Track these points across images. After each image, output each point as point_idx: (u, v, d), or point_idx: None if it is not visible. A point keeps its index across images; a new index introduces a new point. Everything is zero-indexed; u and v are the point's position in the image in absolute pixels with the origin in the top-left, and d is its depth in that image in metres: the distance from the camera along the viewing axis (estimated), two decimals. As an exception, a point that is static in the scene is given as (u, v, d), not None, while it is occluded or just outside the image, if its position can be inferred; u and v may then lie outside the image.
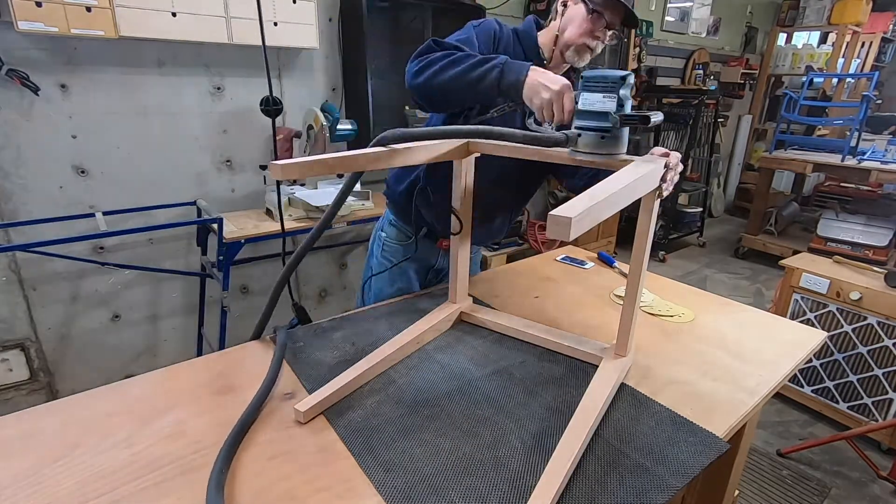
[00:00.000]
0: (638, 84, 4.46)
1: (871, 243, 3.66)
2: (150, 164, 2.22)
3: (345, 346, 1.12)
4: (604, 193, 0.70)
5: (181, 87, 2.21)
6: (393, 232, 1.46)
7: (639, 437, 0.87)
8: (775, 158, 4.07)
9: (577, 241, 0.78)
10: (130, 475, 0.75)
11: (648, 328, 1.24)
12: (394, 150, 0.94)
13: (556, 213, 0.62)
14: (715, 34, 5.21)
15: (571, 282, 1.52)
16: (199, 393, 0.95)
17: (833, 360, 2.25)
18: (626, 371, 1.03)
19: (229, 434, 0.81)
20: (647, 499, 0.74)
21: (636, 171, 0.83)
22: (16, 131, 1.91)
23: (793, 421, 2.36)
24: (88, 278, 2.20)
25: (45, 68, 1.91)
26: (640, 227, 0.95)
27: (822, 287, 2.21)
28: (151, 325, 2.45)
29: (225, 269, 2.11)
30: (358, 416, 0.91)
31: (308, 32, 2.29)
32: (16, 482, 0.73)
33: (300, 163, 0.80)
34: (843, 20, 5.15)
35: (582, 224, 0.63)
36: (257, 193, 2.54)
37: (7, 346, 2.09)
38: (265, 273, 2.72)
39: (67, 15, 1.73)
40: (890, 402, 2.10)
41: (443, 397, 0.97)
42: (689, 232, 4.80)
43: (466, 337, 1.19)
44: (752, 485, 1.97)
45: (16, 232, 1.99)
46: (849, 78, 5.37)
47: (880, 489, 1.96)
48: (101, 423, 0.86)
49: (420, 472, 0.79)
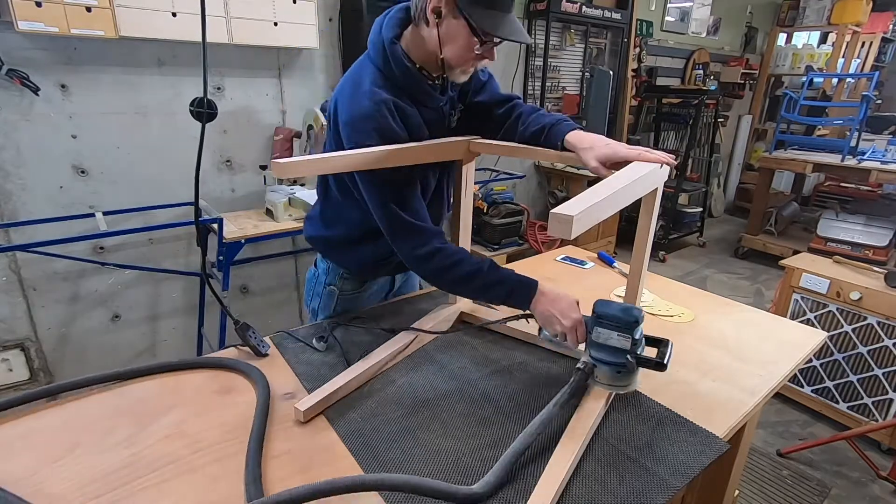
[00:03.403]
0: (638, 84, 4.47)
1: (871, 243, 3.66)
2: (150, 163, 2.22)
3: (345, 346, 1.11)
4: (605, 193, 0.70)
5: (181, 87, 2.21)
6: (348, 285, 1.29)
7: (639, 437, 0.87)
8: (775, 158, 4.07)
9: (577, 240, 0.78)
10: (130, 475, 0.75)
11: (648, 328, 1.23)
12: (394, 150, 0.95)
13: (557, 212, 0.62)
14: (715, 34, 5.21)
15: (571, 282, 1.52)
16: (199, 393, 0.95)
17: (833, 360, 2.25)
18: (626, 371, 1.03)
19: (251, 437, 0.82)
20: (647, 499, 0.74)
21: (636, 172, 0.83)
22: (16, 131, 1.91)
23: (793, 421, 2.36)
24: (88, 278, 2.20)
25: (45, 68, 1.90)
26: (640, 227, 0.96)
27: (822, 287, 2.21)
28: (151, 325, 2.45)
29: (225, 269, 2.11)
30: (358, 416, 0.91)
31: (308, 32, 2.29)
32: (16, 482, 0.73)
33: (301, 161, 0.80)
34: (843, 20, 5.15)
35: (583, 222, 0.63)
36: (257, 193, 2.54)
37: (7, 346, 2.09)
38: (265, 273, 2.72)
39: (67, 15, 1.73)
40: (890, 402, 2.10)
41: (443, 397, 0.97)
42: (689, 232, 4.79)
43: (466, 337, 1.19)
44: (752, 485, 1.97)
45: (16, 232, 1.99)
46: (849, 78, 5.36)
47: (880, 489, 1.96)
48: (101, 423, 0.86)
49: (420, 472, 0.78)
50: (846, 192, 4.19)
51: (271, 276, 2.75)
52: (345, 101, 1.01)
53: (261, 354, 1.07)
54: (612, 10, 3.84)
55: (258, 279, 2.72)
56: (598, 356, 0.93)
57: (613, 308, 0.92)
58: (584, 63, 4.01)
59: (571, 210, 0.62)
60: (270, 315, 2.79)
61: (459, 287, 1.09)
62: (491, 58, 1.02)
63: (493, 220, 3.35)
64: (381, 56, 1.01)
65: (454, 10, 0.94)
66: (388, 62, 1.01)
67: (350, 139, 0.98)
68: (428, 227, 1.03)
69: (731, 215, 6.02)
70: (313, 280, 1.33)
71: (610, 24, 3.91)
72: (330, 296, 1.29)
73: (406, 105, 1.02)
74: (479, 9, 0.93)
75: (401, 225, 1.02)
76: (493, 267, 1.03)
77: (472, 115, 1.17)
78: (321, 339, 1.12)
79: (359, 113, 0.98)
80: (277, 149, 2.47)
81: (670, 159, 0.91)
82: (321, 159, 0.82)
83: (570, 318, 0.96)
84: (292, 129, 2.50)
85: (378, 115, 0.97)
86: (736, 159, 6.00)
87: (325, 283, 1.29)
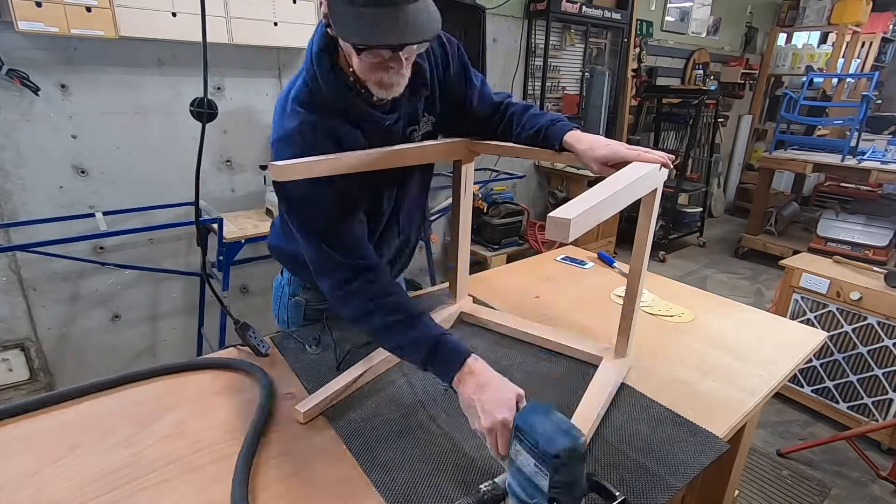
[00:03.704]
0: (638, 84, 4.46)
1: (871, 243, 3.66)
2: (150, 164, 2.22)
3: (345, 347, 1.11)
4: (603, 194, 0.70)
5: (181, 87, 2.21)
6: (313, 296, 1.22)
7: (639, 437, 0.87)
8: (775, 158, 4.07)
9: (577, 241, 0.75)
10: (130, 475, 0.75)
11: (648, 328, 1.24)
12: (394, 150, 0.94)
13: (555, 215, 0.61)
14: (715, 34, 5.21)
15: (571, 282, 1.52)
16: (199, 393, 0.95)
17: (833, 360, 2.25)
18: (626, 371, 1.03)
19: (245, 438, 0.81)
20: (647, 499, 0.74)
21: (635, 173, 0.83)
22: (16, 131, 1.91)
23: (793, 421, 2.36)
24: (88, 278, 2.20)
25: (45, 68, 1.90)
26: (639, 227, 0.95)
27: (822, 287, 2.21)
28: (151, 326, 2.45)
29: (225, 269, 2.11)
30: (358, 417, 0.91)
31: (308, 32, 2.25)
32: (16, 482, 0.73)
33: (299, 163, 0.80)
34: (843, 20, 5.15)
35: (581, 225, 0.62)
36: (257, 193, 2.54)
37: (7, 346, 2.09)
38: (265, 273, 2.72)
39: (67, 15, 1.73)
40: (890, 402, 2.10)
41: (442, 397, 0.97)
42: (689, 232, 4.79)
43: (466, 337, 1.19)
44: (752, 485, 1.97)
45: (16, 232, 1.99)
46: (849, 78, 5.36)
47: (880, 489, 1.96)
48: (101, 423, 0.86)
49: (420, 472, 0.79)
50: (846, 192, 4.19)
51: (271, 277, 2.71)
52: (275, 119, 0.91)
53: (261, 354, 1.07)
54: (612, 10, 3.85)
55: (258, 279, 2.72)
56: (512, 482, 0.67)
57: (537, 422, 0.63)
58: (584, 63, 4.01)
59: (569, 213, 0.61)
60: (270, 315, 2.78)
61: (376, 338, 0.92)
62: (399, 66, 0.82)
63: (493, 220, 3.35)
64: (310, 70, 0.88)
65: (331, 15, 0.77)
66: (316, 77, 0.87)
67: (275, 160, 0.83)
68: (351, 263, 0.88)
69: (731, 215, 6.02)
70: (279, 290, 1.28)
71: (610, 24, 3.91)
72: (296, 307, 1.23)
73: (339, 125, 0.89)
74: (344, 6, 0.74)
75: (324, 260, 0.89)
76: (417, 321, 0.85)
77: (465, 123, 1.10)
78: (315, 341, 1.12)
79: (281, 135, 0.88)
80: (277, 149, 2.47)
81: (669, 160, 0.91)
82: (317, 162, 0.81)
83: (491, 418, 0.71)
84: (292, 129, 2.49)
85: (299, 140, 0.85)
86: (736, 159, 6.00)
87: (289, 294, 1.24)
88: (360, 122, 0.92)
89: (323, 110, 0.88)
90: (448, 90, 1.04)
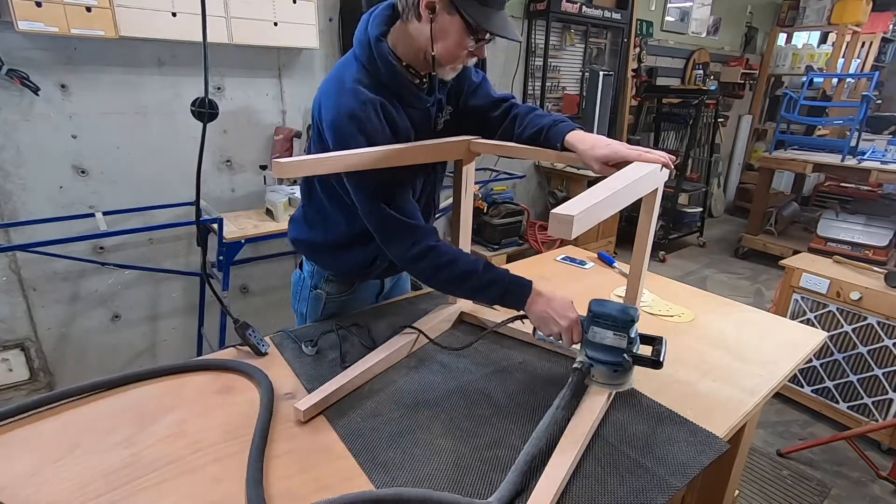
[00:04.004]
0: (638, 84, 4.47)
1: (871, 243, 3.66)
2: (150, 163, 2.22)
3: (345, 346, 1.11)
4: (605, 193, 0.70)
5: (181, 87, 2.21)
6: (334, 288, 1.26)
7: (639, 437, 0.87)
8: (775, 158, 4.07)
9: (577, 241, 0.78)
10: (130, 475, 0.75)
11: (648, 328, 1.24)
12: (393, 150, 0.95)
13: (558, 212, 0.62)
14: (715, 34, 5.21)
15: (571, 282, 1.52)
16: (199, 394, 0.95)
17: (833, 360, 2.25)
18: (626, 371, 1.03)
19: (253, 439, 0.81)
20: (647, 499, 0.74)
21: (636, 172, 0.83)
22: (16, 131, 1.91)
23: (793, 421, 2.36)
24: (88, 278, 2.20)
25: (45, 68, 1.90)
26: (640, 227, 0.96)
27: (822, 287, 2.21)
28: (151, 325, 2.45)
29: (225, 269, 2.11)
30: (358, 416, 0.91)
31: (308, 32, 2.29)
32: (16, 482, 0.73)
33: (301, 161, 0.80)
34: (843, 20, 5.15)
35: (583, 222, 0.63)
36: (257, 193, 2.54)
37: (7, 346, 2.09)
38: (265, 273, 2.72)
39: (67, 15, 1.73)
40: (890, 402, 2.10)
41: (443, 397, 0.97)
42: (689, 232, 4.79)
43: (467, 337, 1.19)
44: (752, 485, 1.97)
45: (16, 232, 1.99)
46: (849, 78, 5.36)
47: (880, 489, 1.96)
48: (101, 423, 0.86)
49: (420, 472, 0.79)
50: (846, 192, 4.19)
51: (271, 276, 2.75)
52: (329, 101, 0.97)
53: (260, 354, 1.07)
54: (612, 10, 3.85)
55: (258, 279, 2.72)
56: (595, 355, 0.93)
57: (609, 307, 0.91)
58: (584, 63, 4.01)
59: (572, 210, 0.62)
60: (270, 315, 2.79)
61: (452, 287, 1.07)
62: (481, 55, 1.00)
63: (493, 220, 3.35)
64: (367, 54, 0.99)
65: (448, 5, 0.92)
66: (374, 60, 0.98)
67: (336, 140, 0.95)
68: (420, 226, 1.01)
69: (731, 215, 6.02)
70: (299, 283, 1.30)
71: (610, 24, 3.91)
72: (317, 300, 1.26)
73: (392, 105, 1.00)
74: (474, 4, 0.91)
75: (392, 224, 0.99)
76: (487, 267, 1.01)
77: (467, 118, 1.15)
78: (311, 343, 1.11)
79: (345, 112, 0.94)
80: (277, 149, 2.47)
81: (670, 160, 0.91)
82: (321, 159, 0.82)
83: (566, 318, 0.96)
84: (292, 128, 2.50)
85: (364, 116, 0.94)
86: (736, 159, 6.00)
87: (310, 286, 1.26)
88: (407, 102, 1.03)
89: (379, 88, 0.98)
90: (454, 84, 1.12)
